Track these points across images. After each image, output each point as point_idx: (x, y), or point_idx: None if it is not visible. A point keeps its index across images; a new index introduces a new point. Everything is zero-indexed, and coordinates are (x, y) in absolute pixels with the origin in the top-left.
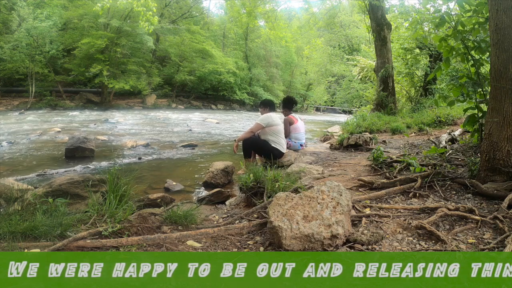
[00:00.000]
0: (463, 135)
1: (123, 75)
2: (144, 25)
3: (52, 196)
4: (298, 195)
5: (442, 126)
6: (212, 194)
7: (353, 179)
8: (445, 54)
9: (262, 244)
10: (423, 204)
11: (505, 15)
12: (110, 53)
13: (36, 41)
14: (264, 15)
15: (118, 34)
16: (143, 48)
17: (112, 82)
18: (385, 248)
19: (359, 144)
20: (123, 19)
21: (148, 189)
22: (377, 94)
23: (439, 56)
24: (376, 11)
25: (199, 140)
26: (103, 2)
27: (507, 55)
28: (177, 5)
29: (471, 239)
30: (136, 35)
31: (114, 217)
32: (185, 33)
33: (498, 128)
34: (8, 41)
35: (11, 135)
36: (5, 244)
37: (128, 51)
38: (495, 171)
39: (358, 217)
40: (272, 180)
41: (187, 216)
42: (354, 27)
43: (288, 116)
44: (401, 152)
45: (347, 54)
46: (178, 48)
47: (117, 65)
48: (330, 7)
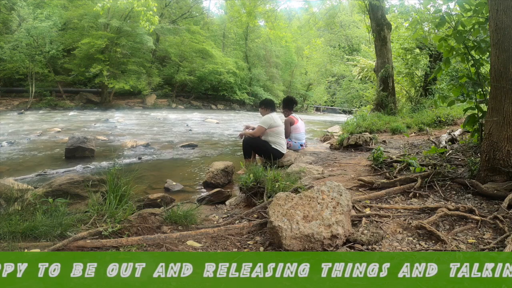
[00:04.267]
0: (463, 135)
1: (123, 75)
2: (145, 25)
3: (52, 196)
4: (298, 195)
5: (442, 126)
6: (212, 194)
7: (353, 179)
8: (445, 54)
9: (262, 244)
10: (423, 204)
11: (505, 15)
12: (110, 53)
13: (36, 41)
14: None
15: (118, 34)
16: (143, 48)
17: (112, 82)
18: (385, 248)
19: (359, 144)
20: (123, 19)
21: (148, 189)
22: (377, 94)
23: (439, 56)
24: (376, 11)
25: (199, 140)
26: (103, 2)
27: (507, 55)
28: (177, 5)
29: (471, 239)
30: (136, 35)
31: (114, 217)
32: (185, 33)
33: (498, 128)
34: (8, 41)
35: (11, 135)
36: (5, 244)
37: (128, 51)
38: (495, 171)
39: (358, 217)
40: (272, 180)
41: (187, 216)
42: (354, 27)
43: (289, 116)
44: (401, 152)
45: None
46: (178, 48)
47: (117, 65)
48: (330, 7)
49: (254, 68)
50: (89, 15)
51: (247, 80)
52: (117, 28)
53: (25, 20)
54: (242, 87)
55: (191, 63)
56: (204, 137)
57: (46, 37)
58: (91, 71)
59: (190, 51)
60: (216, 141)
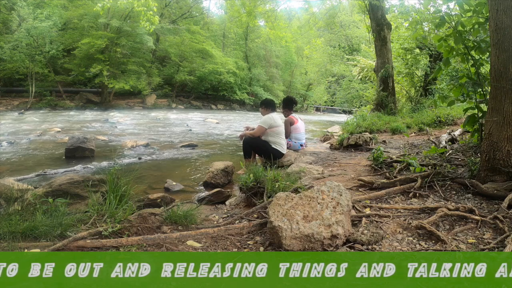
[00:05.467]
0: (463, 135)
1: (123, 75)
2: (145, 24)
3: (52, 196)
4: (298, 195)
5: (442, 126)
6: (212, 194)
7: (353, 179)
8: (445, 54)
9: (262, 244)
10: (423, 204)
11: (505, 15)
12: (110, 53)
13: (36, 41)
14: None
15: (118, 34)
16: (143, 48)
17: (112, 82)
18: (385, 248)
19: (359, 144)
20: (123, 19)
21: (148, 189)
22: (377, 94)
23: (439, 56)
24: (376, 11)
25: (199, 140)
26: (103, 2)
27: (507, 55)
28: (177, 5)
29: (471, 239)
30: (136, 35)
31: (114, 217)
32: (185, 33)
33: (498, 128)
34: (8, 41)
35: (11, 135)
36: (5, 244)
37: (128, 51)
38: (495, 171)
39: (358, 217)
40: (272, 180)
41: (187, 216)
42: (354, 27)
43: (289, 116)
44: (401, 152)
45: (347, 54)
46: (178, 48)
47: (117, 65)
48: (330, 7)
49: (254, 68)
50: (89, 15)
51: (247, 80)
52: (117, 28)
53: (25, 20)
54: (242, 87)
55: (191, 63)
56: (204, 137)
57: (46, 37)
58: (91, 71)
59: (190, 51)
60: (216, 141)
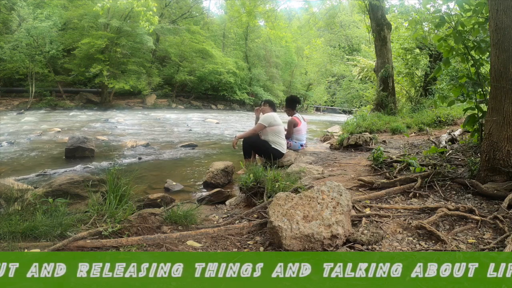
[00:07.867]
0: (463, 135)
1: (123, 75)
2: (145, 25)
3: (52, 196)
4: (298, 195)
5: (442, 126)
6: (212, 194)
7: (353, 179)
8: (445, 54)
9: (262, 244)
10: (423, 204)
11: (505, 15)
12: (110, 53)
13: (36, 41)
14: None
15: (118, 34)
16: (143, 48)
17: (112, 82)
18: (385, 248)
19: (359, 144)
20: (123, 19)
21: (148, 189)
22: (377, 94)
23: (439, 56)
24: (376, 11)
25: (199, 140)
26: (103, 2)
27: (507, 55)
28: (177, 5)
29: (471, 239)
30: (136, 35)
31: (114, 217)
32: (185, 33)
33: (498, 128)
34: (8, 41)
35: (11, 135)
36: (5, 244)
37: (128, 51)
38: (495, 171)
39: (358, 217)
40: (272, 180)
41: (187, 216)
42: (354, 27)
43: (293, 117)
44: (401, 152)
45: (347, 54)
46: (178, 48)
47: (117, 65)
48: (330, 7)
49: (254, 68)
50: (89, 15)
51: (247, 80)
52: (117, 28)
53: (25, 20)
54: (242, 87)
55: (191, 63)
56: (204, 137)
57: (46, 37)
58: (91, 71)
59: (190, 51)
60: (216, 141)
